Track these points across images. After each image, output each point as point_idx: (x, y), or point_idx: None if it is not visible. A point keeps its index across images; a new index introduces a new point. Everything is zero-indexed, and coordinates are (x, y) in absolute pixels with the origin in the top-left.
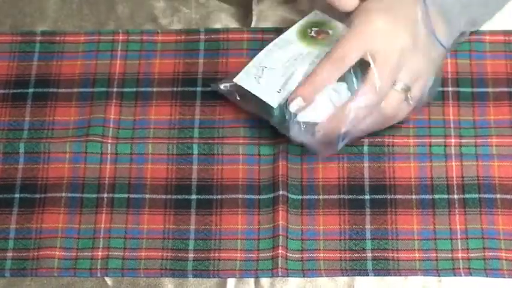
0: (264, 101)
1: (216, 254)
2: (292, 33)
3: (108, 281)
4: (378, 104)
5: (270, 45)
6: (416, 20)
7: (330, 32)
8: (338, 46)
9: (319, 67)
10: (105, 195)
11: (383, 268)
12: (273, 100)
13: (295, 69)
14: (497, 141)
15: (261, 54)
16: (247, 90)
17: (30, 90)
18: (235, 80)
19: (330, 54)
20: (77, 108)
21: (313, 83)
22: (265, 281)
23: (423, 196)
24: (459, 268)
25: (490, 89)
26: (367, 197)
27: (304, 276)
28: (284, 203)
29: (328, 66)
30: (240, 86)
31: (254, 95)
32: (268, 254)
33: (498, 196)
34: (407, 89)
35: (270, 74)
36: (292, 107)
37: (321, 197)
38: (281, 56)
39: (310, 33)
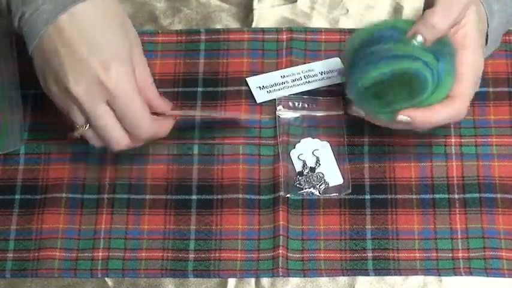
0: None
1: (217, 254)
2: None
3: (109, 281)
4: None
5: None
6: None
7: None
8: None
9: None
10: (106, 195)
11: (383, 268)
12: None
13: None
14: (498, 141)
15: None
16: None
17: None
18: None
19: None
20: None
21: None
22: (265, 281)
23: (423, 196)
24: (459, 268)
25: (490, 89)
26: (367, 196)
27: (304, 276)
28: (284, 203)
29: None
30: None
31: None
32: (268, 254)
33: (498, 196)
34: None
35: None
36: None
37: (321, 196)
38: None
39: None
